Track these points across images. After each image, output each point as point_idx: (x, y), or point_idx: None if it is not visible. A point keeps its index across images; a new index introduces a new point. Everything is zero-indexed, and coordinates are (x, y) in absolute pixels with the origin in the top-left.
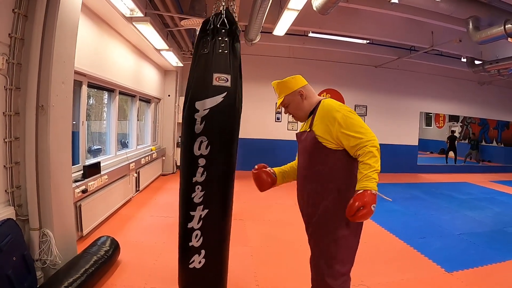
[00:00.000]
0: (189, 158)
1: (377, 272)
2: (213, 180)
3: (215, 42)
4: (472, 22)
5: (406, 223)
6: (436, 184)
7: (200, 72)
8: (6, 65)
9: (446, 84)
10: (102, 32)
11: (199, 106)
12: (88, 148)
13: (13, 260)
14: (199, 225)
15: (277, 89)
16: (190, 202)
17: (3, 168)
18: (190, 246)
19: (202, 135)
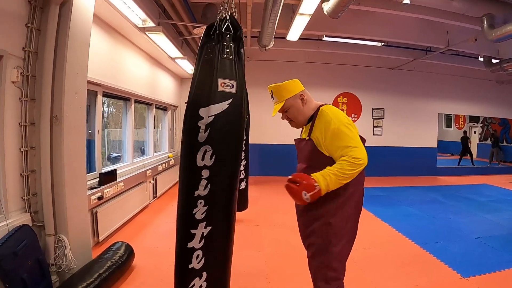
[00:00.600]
0: (191, 170)
1: (390, 277)
2: (217, 194)
3: (220, 47)
4: (486, 20)
5: (423, 227)
6: (455, 186)
7: (204, 77)
8: (21, 78)
9: (464, 84)
10: (115, 42)
11: (203, 113)
12: (108, 155)
13: (28, 264)
14: (201, 244)
15: (276, 93)
16: (191, 218)
17: (20, 176)
18: (190, 269)
19: (206, 144)
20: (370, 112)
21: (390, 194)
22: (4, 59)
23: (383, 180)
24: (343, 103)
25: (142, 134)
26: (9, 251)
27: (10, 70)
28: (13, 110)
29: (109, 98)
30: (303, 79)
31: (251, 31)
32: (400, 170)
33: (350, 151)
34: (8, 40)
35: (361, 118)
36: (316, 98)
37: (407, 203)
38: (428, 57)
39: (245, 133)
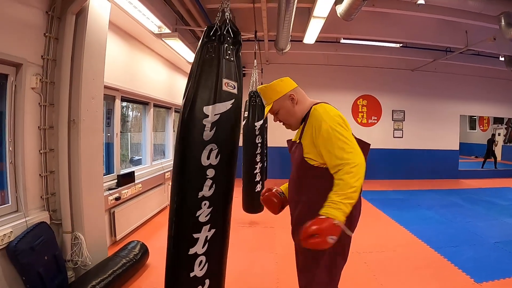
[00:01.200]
0: (195, 169)
1: (402, 281)
2: (221, 194)
3: (222, 48)
4: (504, 18)
5: (439, 231)
6: (477, 190)
7: (208, 76)
8: (40, 84)
9: (486, 85)
10: (133, 48)
11: (208, 111)
12: (131, 158)
13: (44, 259)
14: (204, 249)
15: (264, 95)
16: (195, 222)
17: (39, 176)
18: (192, 277)
19: (212, 143)
20: (391, 115)
21: (409, 197)
22: (23, 67)
23: (403, 183)
24: (363, 105)
25: (162, 137)
26: (27, 246)
27: (29, 77)
28: (33, 115)
29: (133, 103)
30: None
31: (268, 35)
32: (421, 173)
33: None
34: (28, 49)
35: (381, 121)
36: (335, 100)
37: (426, 207)
38: (448, 58)
39: (261, 136)
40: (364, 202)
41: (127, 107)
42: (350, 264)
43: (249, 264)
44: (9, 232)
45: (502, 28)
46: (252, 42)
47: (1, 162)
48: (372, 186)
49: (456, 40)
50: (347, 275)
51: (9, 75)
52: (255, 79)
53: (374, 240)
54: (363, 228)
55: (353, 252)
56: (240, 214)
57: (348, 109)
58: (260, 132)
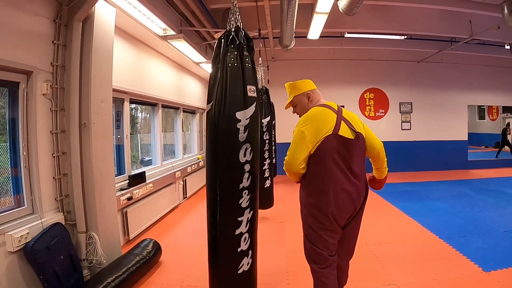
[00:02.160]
0: (235, 166)
1: (410, 271)
2: (255, 182)
3: (242, 56)
4: (507, 6)
5: (448, 221)
6: (487, 180)
7: (236, 85)
8: (51, 90)
9: (493, 74)
10: (139, 51)
11: (240, 116)
12: (141, 159)
13: (60, 258)
14: (247, 228)
15: (288, 90)
16: (238, 208)
17: (53, 179)
18: (240, 251)
19: (246, 143)
20: (398, 107)
21: (418, 189)
22: (34, 74)
23: (412, 175)
24: (370, 98)
25: (173, 137)
26: (43, 246)
27: (40, 83)
28: (45, 120)
29: (142, 105)
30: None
31: (272, 32)
32: (430, 164)
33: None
34: (37, 56)
35: (388, 113)
36: (342, 94)
37: (435, 198)
38: (453, 48)
39: (269, 132)
40: (373, 195)
41: (136, 109)
42: (359, 256)
43: (259, 258)
44: (26, 234)
45: (505, 16)
46: (257, 40)
47: (16, 168)
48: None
49: (460, 30)
50: (356, 267)
51: (20, 83)
52: (261, 77)
53: (383, 232)
54: (372, 221)
55: (362, 243)
56: None
57: (356, 103)
58: (267, 129)
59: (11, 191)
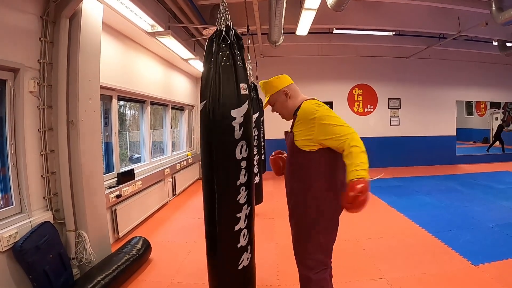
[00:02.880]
0: (232, 163)
1: (399, 266)
2: (251, 178)
3: (234, 55)
4: (494, 3)
5: (437, 216)
6: (474, 174)
7: (229, 83)
8: (38, 88)
9: (480, 70)
10: (127, 48)
11: (235, 114)
12: (130, 156)
13: (50, 257)
14: (245, 223)
15: (263, 89)
16: (236, 204)
17: (41, 177)
18: (239, 247)
19: (242, 140)
20: (387, 103)
21: (407, 184)
22: (21, 72)
23: (400, 171)
24: (359, 94)
25: (161, 134)
26: (32, 246)
27: (27, 81)
28: (32, 118)
29: (130, 102)
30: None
31: (261, 29)
32: (419, 160)
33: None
34: (24, 54)
35: (377, 109)
36: (331, 91)
37: (424, 193)
38: (442, 44)
39: (258, 129)
40: None
41: (125, 106)
42: (348, 251)
43: None
44: (14, 233)
45: (493, 13)
46: (245, 36)
47: (3, 167)
48: (370, 174)
49: (448, 26)
50: (346, 262)
51: (7, 80)
52: (249, 73)
53: (373, 227)
54: (361, 215)
55: (351, 239)
56: None
57: (344, 99)
58: (256, 125)
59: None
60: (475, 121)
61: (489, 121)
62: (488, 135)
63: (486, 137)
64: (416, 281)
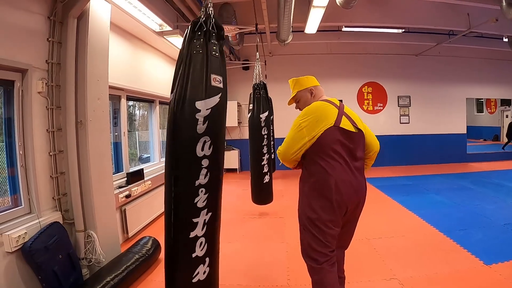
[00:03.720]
0: (191, 160)
1: (411, 265)
2: (215, 180)
3: (208, 44)
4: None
5: (448, 214)
6: (486, 172)
7: (198, 72)
8: (46, 88)
9: (491, 67)
10: (136, 48)
11: (200, 105)
12: (139, 156)
13: (59, 257)
14: (203, 231)
15: (291, 85)
16: (193, 207)
17: (50, 178)
18: (194, 257)
19: (205, 135)
20: (396, 101)
21: (417, 182)
22: (29, 72)
23: (411, 169)
24: (368, 92)
25: None
26: (41, 246)
27: (35, 81)
28: (41, 118)
29: (139, 102)
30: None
31: (270, 27)
32: (429, 158)
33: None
34: (32, 54)
35: (387, 107)
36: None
37: (434, 191)
38: (451, 41)
39: (267, 127)
40: (373, 189)
41: (134, 106)
42: (359, 250)
43: (259, 254)
44: (23, 233)
45: (503, 8)
46: (254, 35)
47: (12, 167)
48: (380, 173)
49: (458, 23)
50: (357, 261)
51: (15, 81)
52: (258, 72)
53: (383, 226)
54: (372, 215)
55: (362, 238)
56: (250, 205)
57: (354, 97)
58: (265, 124)
59: (8, 191)
60: (485, 119)
61: (500, 118)
62: (499, 133)
63: (497, 135)
64: (428, 281)
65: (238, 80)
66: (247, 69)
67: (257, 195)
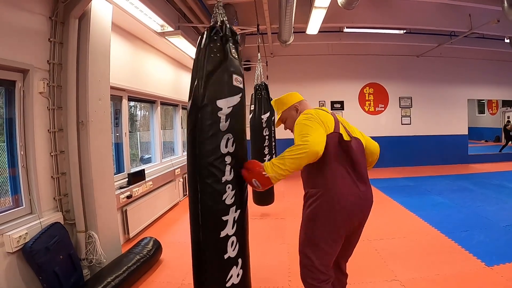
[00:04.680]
0: (218, 157)
1: (412, 267)
2: (239, 177)
3: (227, 48)
4: None
5: (449, 216)
6: (487, 174)
7: (220, 73)
8: (48, 88)
9: (492, 68)
10: (137, 48)
11: (221, 104)
12: (141, 157)
13: (60, 258)
14: (234, 230)
15: (275, 106)
16: (222, 205)
17: (51, 178)
18: (227, 259)
19: (228, 132)
20: (398, 102)
21: (419, 184)
22: (30, 72)
23: (412, 170)
24: (369, 93)
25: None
26: (42, 246)
27: (37, 82)
28: (42, 118)
29: (140, 102)
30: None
31: (271, 28)
32: (430, 159)
33: (301, 138)
34: (33, 55)
35: (388, 108)
36: (341, 90)
37: (436, 192)
38: (453, 42)
39: (269, 128)
40: (374, 190)
41: (135, 106)
42: (361, 252)
43: (261, 255)
44: (24, 234)
45: (505, 9)
46: (256, 36)
47: (14, 168)
48: (381, 174)
49: (459, 24)
50: (358, 262)
51: (17, 81)
52: (260, 72)
53: (385, 227)
54: (373, 216)
55: (363, 239)
56: (251, 206)
57: (355, 98)
58: (267, 125)
59: (9, 191)
60: (486, 120)
61: (501, 119)
62: (500, 134)
63: (498, 136)
64: (429, 283)
65: None
66: (249, 70)
67: (258, 196)
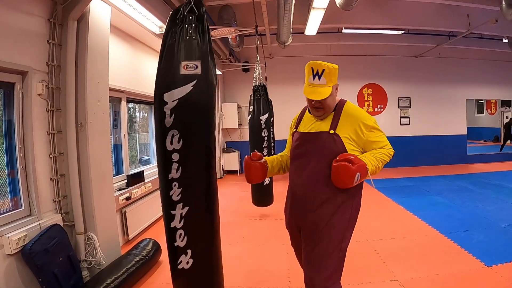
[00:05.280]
0: (163, 154)
1: (411, 267)
2: (190, 176)
3: (182, 29)
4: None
5: (449, 215)
6: (486, 174)
7: (167, 63)
8: (46, 90)
9: (491, 68)
10: (136, 50)
11: (167, 98)
12: (140, 158)
13: (59, 260)
14: (181, 224)
15: (328, 75)
16: (169, 200)
17: (50, 180)
18: (176, 246)
19: (173, 129)
20: (396, 102)
21: (418, 184)
22: (29, 74)
23: (411, 170)
24: (368, 94)
25: None
26: (41, 248)
27: (35, 84)
28: (41, 120)
29: (139, 104)
30: None
31: (270, 29)
32: (429, 159)
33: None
34: (32, 57)
35: (387, 109)
36: (340, 90)
37: (435, 192)
38: (451, 42)
39: (268, 129)
40: (373, 190)
41: (134, 108)
42: (360, 252)
43: (260, 255)
44: (23, 236)
45: (503, 9)
46: (254, 37)
47: (13, 170)
48: (380, 174)
49: (458, 24)
50: (357, 263)
51: (15, 83)
52: (258, 73)
53: (384, 228)
54: (372, 216)
55: (363, 240)
56: (250, 207)
57: (354, 99)
58: (266, 126)
59: (8, 193)
60: (485, 120)
61: (500, 119)
62: (499, 134)
63: (497, 136)
64: (429, 283)
65: (238, 82)
66: (247, 71)
67: (257, 197)
